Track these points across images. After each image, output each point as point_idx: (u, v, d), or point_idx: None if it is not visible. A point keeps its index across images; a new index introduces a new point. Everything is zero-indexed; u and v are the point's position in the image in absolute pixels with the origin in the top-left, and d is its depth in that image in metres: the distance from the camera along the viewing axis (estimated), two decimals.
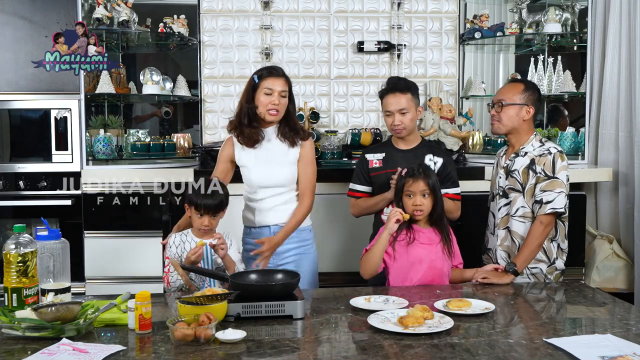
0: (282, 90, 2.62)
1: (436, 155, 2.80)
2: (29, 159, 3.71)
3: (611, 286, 3.61)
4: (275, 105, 2.60)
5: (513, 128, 2.61)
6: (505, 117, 2.59)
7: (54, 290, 1.95)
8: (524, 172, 2.57)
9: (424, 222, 2.47)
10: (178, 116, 4.40)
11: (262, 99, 2.61)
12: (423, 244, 2.43)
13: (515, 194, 2.59)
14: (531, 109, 2.61)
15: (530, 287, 2.44)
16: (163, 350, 1.65)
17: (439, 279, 2.43)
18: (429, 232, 2.46)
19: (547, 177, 2.53)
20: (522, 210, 2.57)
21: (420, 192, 2.41)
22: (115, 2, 3.74)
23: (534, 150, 2.58)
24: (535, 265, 2.57)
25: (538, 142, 2.61)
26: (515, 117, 2.59)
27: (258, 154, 2.66)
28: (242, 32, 4.05)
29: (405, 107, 2.73)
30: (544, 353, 1.62)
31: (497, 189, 2.65)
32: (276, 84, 2.62)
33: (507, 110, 2.59)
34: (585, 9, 3.92)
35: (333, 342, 1.71)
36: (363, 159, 2.90)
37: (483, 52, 4.36)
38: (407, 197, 2.43)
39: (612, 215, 3.87)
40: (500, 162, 2.69)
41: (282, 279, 2.09)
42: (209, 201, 2.41)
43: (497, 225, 2.63)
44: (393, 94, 2.76)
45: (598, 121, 3.91)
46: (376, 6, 4.10)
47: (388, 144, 2.90)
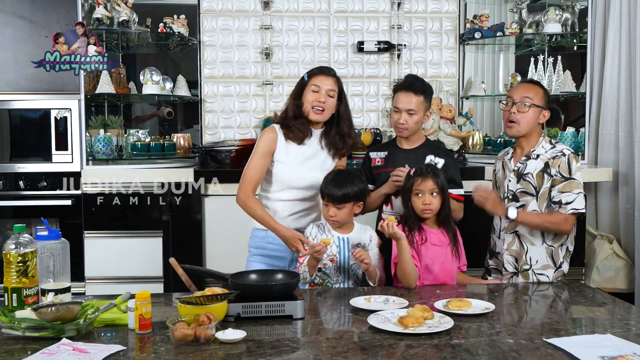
0: (330, 89, 2.53)
1: (438, 156, 2.78)
2: (29, 159, 3.71)
3: (611, 286, 3.61)
4: (321, 102, 2.52)
5: (530, 130, 2.55)
6: (525, 120, 2.52)
7: (54, 290, 1.95)
8: (539, 175, 2.52)
9: (432, 222, 2.47)
10: (178, 116, 4.40)
11: (309, 96, 2.53)
12: (435, 245, 2.43)
13: (528, 198, 2.53)
14: (547, 113, 2.57)
15: (530, 287, 2.44)
16: (163, 350, 1.65)
17: (450, 280, 2.44)
18: (438, 233, 2.46)
19: (564, 178, 2.49)
20: (510, 210, 2.54)
21: (429, 191, 2.41)
22: (115, 2, 3.74)
23: (545, 153, 2.54)
24: (542, 272, 2.55)
25: (548, 143, 2.57)
26: (535, 120, 2.53)
27: (300, 152, 2.56)
28: (242, 32, 4.05)
29: (414, 109, 2.69)
30: (544, 353, 1.62)
31: (506, 192, 2.59)
32: (325, 82, 2.54)
33: (531, 112, 2.52)
34: (585, 9, 3.92)
35: (333, 342, 1.71)
36: (367, 157, 2.89)
37: (483, 52, 4.36)
38: (415, 197, 2.43)
39: (612, 215, 3.87)
40: (509, 164, 2.61)
41: (282, 279, 2.09)
42: (334, 190, 2.36)
43: (505, 229, 2.59)
44: (406, 92, 2.71)
45: (598, 121, 3.92)
46: (376, 6, 4.10)
47: (392, 143, 2.89)
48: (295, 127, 2.54)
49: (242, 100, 4.05)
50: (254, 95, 4.06)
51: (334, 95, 2.56)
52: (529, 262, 2.55)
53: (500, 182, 2.67)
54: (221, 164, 3.66)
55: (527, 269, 2.56)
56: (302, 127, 2.55)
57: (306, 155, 2.58)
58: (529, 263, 2.56)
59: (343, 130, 2.62)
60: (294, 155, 2.56)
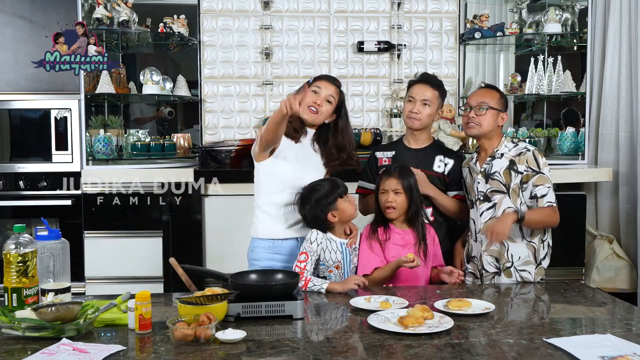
0: (330, 95, 2.53)
1: (447, 156, 2.79)
2: (29, 159, 3.71)
3: (611, 286, 3.61)
4: (316, 104, 2.51)
5: (489, 132, 2.62)
6: (485, 121, 2.59)
7: (54, 290, 1.95)
8: (505, 172, 2.57)
9: (401, 222, 2.50)
10: (178, 116, 4.39)
11: (307, 97, 2.51)
12: (397, 244, 2.46)
13: (499, 196, 2.57)
14: (505, 116, 2.65)
15: (530, 287, 2.44)
16: (163, 350, 1.65)
17: (415, 281, 2.45)
18: (406, 234, 2.49)
19: (535, 172, 2.55)
20: (508, 211, 2.56)
21: (393, 190, 2.46)
22: (115, 2, 3.74)
23: (509, 151, 2.60)
24: (524, 268, 2.57)
25: (510, 143, 2.64)
26: (493, 122, 2.60)
27: (298, 150, 2.55)
28: (242, 32, 4.05)
29: (429, 99, 2.70)
30: (544, 353, 1.62)
31: (477, 195, 2.63)
32: (327, 87, 2.54)
33: (488, 115, 2.59)
34: (585, 9, 3.92)
35: (333, 342, 1.71)
36: (373, 156, 2.89)
37: (483, 52, 4.36)
38: (381, 194, 2.50)
39: (612, 215, 3.87)
40: (475, 168, 2.66)
41: (282, 279, 2.09)
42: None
43: (480, 231, 2.62)
44: (423, 84, 2.74)
45: (598, 121, 3.91)
46: (376, 6, 4.09)
47: (399, 143, 2.89)
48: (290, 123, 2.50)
49: (242, 100, 4.05)
50: (254, 95, 4.05)
51: (332, 102, 2.55)
52: (511, 260, 2.57)
53: (469, 187, 2.70)
54: (221, 164, 3.66)
55: (509, 266, 2.58)
56: (297, 124, 2.54)
57: (303, 155, 2.57)
58: (510, 260, 2.57)
59: (341, 142, 2.60)
60: (294, 153, 2.55)
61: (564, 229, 3.56)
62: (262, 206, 2.57)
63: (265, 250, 2.54)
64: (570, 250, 3.58)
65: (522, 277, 2.56)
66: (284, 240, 2.53)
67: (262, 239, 2.55)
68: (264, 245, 2.54)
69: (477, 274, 2.65)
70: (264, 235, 2.54)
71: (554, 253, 2.67)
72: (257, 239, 2.57)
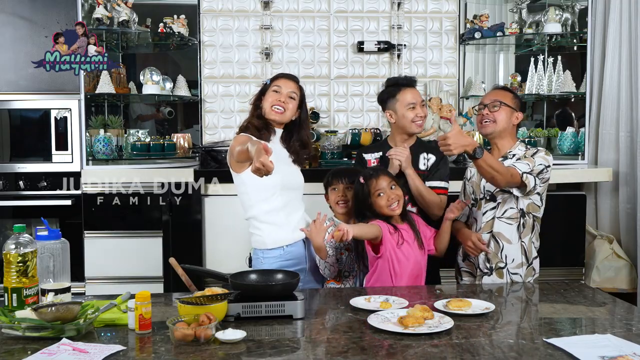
0: (291, 91, 2.53)
1: (430, 152, 2.81)
2: (29, 159, 3.71)
3: (611, 286, 3.61)
4: (281, 102, 2.50)
5: (504, 130, 2.60)
6: (500, 118, 2.58)
7: (54, 290, 1.95)
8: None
9: (397, 219, 2.48)
10: (178, 116, 4.40)
11: (269, 97, 2.52)
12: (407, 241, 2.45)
13: (504, 195, 2.56)
14: (520, 115, 2.63)
15: (530, 287, 2.44)
16: (163, 350, 1.65)
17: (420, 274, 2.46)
18: (407, 228, 2.48)
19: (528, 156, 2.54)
20: (510, 211, 2.55)
21: (388, 186, 2.44)
22: (115, 2, 3.75)
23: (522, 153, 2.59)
24: (516, 271, 2.56)
25: (524, 147, 2.62)
26: (508, 119, 2.59)
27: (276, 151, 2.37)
28: (242, 32, 4.05)
29: (423, 100, 2.79)
30: (544, 353, 1.62)
31: (484, 193, 2.62)
32: (287, 84, 2.54)
33: (502, 112, 2.58)
34: (585, 9, 3.92)
35: (333, 342, 1.71)
36: (361, 158, 2.90)
37: (483, 52, 4.36)
38: (378, 198, 2.42)
39: (612, 215, 3.87)
40: None
41: (282, 279, 2.09)
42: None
43: (480, 230, 2.61)
44: (411, 88, 2.77)
45: (598, 121, 3.92)
46: (376, 6, 4.10)
47: (384, 144, 2.90)
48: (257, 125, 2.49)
49: (242, 101, 4.04)
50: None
51: (295, 98, 2.54)
52: (505, 260, 2.57)
53: (475, 185, 2.68)
54: (221, 164, 3.66)
55: (502, 267, 2.57)
56: (264, 125, 2.51)
57: (281, 154, 2.52)
58: (504, 261, 2.57)
59: (303, 138, 2.60)
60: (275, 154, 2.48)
61: (564, 229, 3.58)
62: (261, 217, 2.50)
63: (276, 259, 2.47)
64: (570, 250, 3.58)
65: (512, 279, 2.55)
66: (292, 244, 2.50)
67: (271, 249, 2.48)
68: (274, 255, 2.48)
69: (474, 272, 2.65)
70: (273, 245, 2.48)
71: (554, 253, 2.68)
72: (265, 250, 2.49)
